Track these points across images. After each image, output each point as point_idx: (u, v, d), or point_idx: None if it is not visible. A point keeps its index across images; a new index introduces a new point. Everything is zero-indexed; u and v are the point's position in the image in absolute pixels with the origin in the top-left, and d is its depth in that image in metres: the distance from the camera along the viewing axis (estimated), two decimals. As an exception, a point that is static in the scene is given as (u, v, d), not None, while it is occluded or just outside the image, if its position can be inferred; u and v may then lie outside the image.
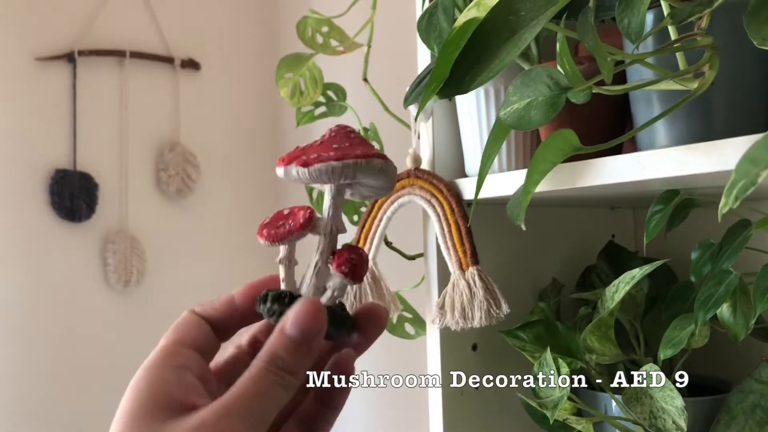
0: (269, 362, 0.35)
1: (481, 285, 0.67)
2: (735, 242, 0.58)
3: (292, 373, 0.35)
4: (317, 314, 0.36)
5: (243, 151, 1.86)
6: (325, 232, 0.40)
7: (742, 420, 0.60)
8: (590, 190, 0.59)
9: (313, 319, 0.36)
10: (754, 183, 0.35)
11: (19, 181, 1.59)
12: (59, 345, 1.61)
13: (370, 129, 0.95)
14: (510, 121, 0.49)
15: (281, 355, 0.35)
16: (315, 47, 0.92)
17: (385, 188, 0.41)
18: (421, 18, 0.59)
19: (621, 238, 0.89)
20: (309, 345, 0.36)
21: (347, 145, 0.39)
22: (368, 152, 0.38)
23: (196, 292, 1.75)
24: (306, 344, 0.36)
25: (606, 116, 0.64)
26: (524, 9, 0.43)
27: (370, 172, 0.38)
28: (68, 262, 1.64)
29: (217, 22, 1.85)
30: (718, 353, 0.76)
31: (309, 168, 0.38)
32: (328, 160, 0.38)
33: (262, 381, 0.34)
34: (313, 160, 0.38)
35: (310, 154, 0.39)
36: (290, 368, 0.35)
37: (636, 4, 0.44)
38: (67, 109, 1.65)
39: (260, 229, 0.40)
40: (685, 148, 0.49)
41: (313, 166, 0.38)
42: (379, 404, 1.48)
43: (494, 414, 0.77)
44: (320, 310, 0.36)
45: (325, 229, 0.40)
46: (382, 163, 0.39)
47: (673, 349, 0.60)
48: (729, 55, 0.48)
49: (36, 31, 1.62)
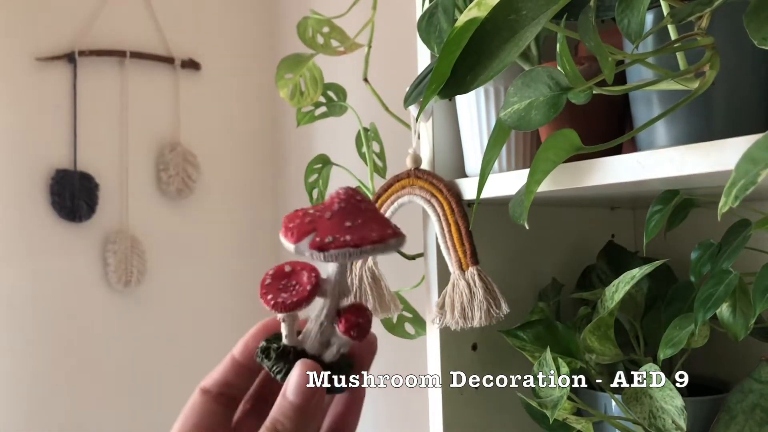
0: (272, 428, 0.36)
1: (481, 285, 0.67)
2: (735, 242, 0.58)
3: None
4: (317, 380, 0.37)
5: (243, 151, 1.86)
6: (333, 296, 0.39)
7: (741, 420, 0.60)
8: (590, 190, 0.60)
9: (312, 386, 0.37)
10: (754, 182, 0.35)
11: (19, 181, 1.59)
12: (59, 345, 1.61)
13: (370, 129, 0.95)
14: (510, 122, 0.49)
15: (283, 421, 0.36)
16: (315, 47, 0.92)
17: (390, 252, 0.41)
18: (421, 18, 0.59)
19: (621, 238, 0.89)
20: (309, 409, 0.37)
21: (360, 222, 0.38)
22: (384, 234, 0.38)
23: (196, 292, 1.75)
24: (306, 408, 0.37)
25: (606, 116, 0.64)
26: (525, 8, 0.43)
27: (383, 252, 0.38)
28: (68, 262, 1.64)
29: (217, 22, 1.85)
30: (718, 353, 0.76)
31: (325, 253, 0.37)
32: (345, 246, 0.37)
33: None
34: (328, 245, 0.37)
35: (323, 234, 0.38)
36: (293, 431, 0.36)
37: (636, 4, 0.44)
38: (68, 109, 1.65)
39: (264, 292, 0.39)
40: (684, 148, 0.49)
41: (329, 251, 0.37)
42: (379, 404, 1.48)
43: (494, 414, 0.77)
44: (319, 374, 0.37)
45: (332, 293, 0.39)
46: (396, 242, 0.38)
47: (672, 349, 0.60)
48: (729, 54, 0.48)
49: (36, 31, 1.62)
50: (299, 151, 1.79)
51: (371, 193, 0.90)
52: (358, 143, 0.96)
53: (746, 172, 0.35)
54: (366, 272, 0.74)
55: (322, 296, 0.39)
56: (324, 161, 0.99)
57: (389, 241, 0.38)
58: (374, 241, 0.38)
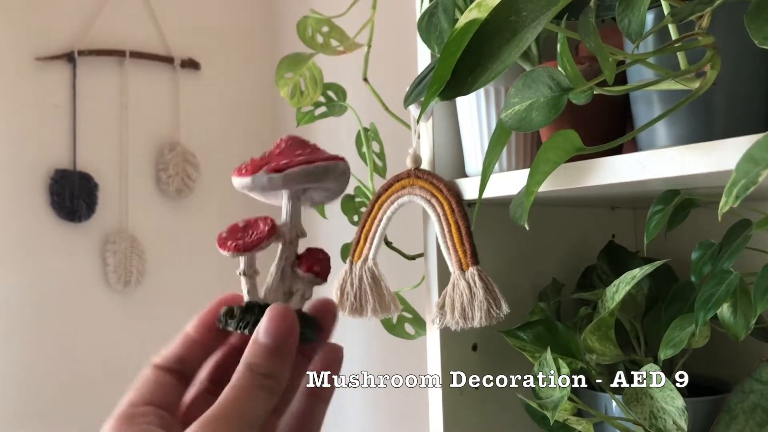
0: (248, 370, 0.36)
1: (481, 285, 0.67)
2: (735, 242, 0.58)
3: (272, 377, 0.36)
4: (289, 320, 0.37)
5: (243, 151, 1.86)
6: (290, 238, 0.41)
7: (742, 420, 0.60)
8: (590, 190, 0.59)
9: (286, 324, 0.37)
10: (755, 182, 0.35)
11: (19, 181, 1.59)
12: (59, 345, 1.61)
13: (370, 129, 0.95)
14: (511, 123, 0.49)
15: (258, 362, 0.36)
16: (315, 47, 0.92)
17: (339, 191, 0.43)
18: (421, 18, 0.59)
19: (621, 238, 0.89)
20: (284, 350, 0.37)
21: (308, 151, 0.40)
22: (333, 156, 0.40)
23: (195, 292, 1.75)
24: (281, 350, 0.37)
25: (606, 116, 0.64)
26: (525, 9, 0.43)
27: (335, 174, 0.40)
28: (68, 262, 1.64)
29: (217, 22, 1.85)
30: (719, 353, 0.76)
31: (283, 173, 0.39)
32: (299, 164, 0.39)
33: (244, 388, 0.35)
34: (284, 165, 0.39)
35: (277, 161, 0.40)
36: (270, 373, 0.36)
37: (636, 3, 0.44)
38: (67, 109, 1.65)
39: (221, 241, 0.41)
40: (685, 148, 0.49)
41: (285, 171, 0.39)
42: (379, 404, 1.48)
43: (494, 414, 0.77)
44: (291, 315, 0.37)
45: (289, 235, 0.41)
46: (345, 165, 0.40)
47: (673, 349, 0.60)
48: (730, 54, 0.48)
49: (36, 31, 1.62)
50: (299, 151, 1.79)
51: (371, 193, 0.90)
52: (358, 143, 0.96)
53: (747, 172, 0.35)
54: (366, 272, 0.74)
55: (280, 240, 0.41)
56: (324, 161, 0.99)
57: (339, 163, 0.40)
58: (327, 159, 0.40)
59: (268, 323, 0.37)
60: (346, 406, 1.51)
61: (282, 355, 0.36)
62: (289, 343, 0.37)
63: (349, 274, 0.74)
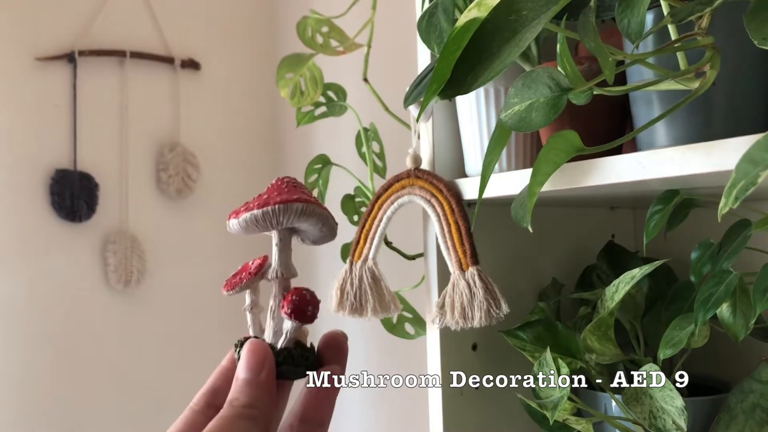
0: (229, 402, 0.38)
1: (481, 285, 0.67)
2: (735, 242, 0.58)
3: (252, 406, 0.38)
4: (261, 354, 0.39)
5: (243, 152, 1.86)
6: (275, 276, 0.42)
7: (742, 420, 0.60)
8: (590, 190, 0.60)
9: (257, 359, 0.39)
10: (754, 183, 0.35)
11: (19, 181, 1.59)
12: (59, 345, 1.61)
13: (370, 129, 0.95)
14: (511, 123, 0.49)
15: (236, 396, 0.38)
16: (315, 47, 0.92)
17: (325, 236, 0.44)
18: (421, 18, 0.59)
19: (621, 238, 0.89)
20: (259, 381, 0.38)
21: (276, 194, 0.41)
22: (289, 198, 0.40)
23: (196, 292, 1.75)
24: (255, 381, 0.38)
25: (606, 117, 0.64)
26: (525, 9, 0.43)
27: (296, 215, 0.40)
28: (68, 262, 1.64)
29: (217, 22, 1.85)
30: (718, 353, 0.76)
31: (238, 219, 0.41)
32: (250, 210, 0.40)
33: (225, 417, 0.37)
34: (242, 211, 0.41)
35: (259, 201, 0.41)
36: (249, 403, 0.38)
37: (636, 4, 0.44)
38: (67, 109, 1.65)
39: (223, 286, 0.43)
40: (685, 148, 0.49)
41: (240, 217, 0.40)
42: (379, 404, 1.48)
43: (494, 414, 0.77)
44: (263, 349, 0.39)
45: (273, 274, 0.42)
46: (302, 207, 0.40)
47: (673, 349, 0.60)
48: (729, 54, 0.48)
49: (36, 31, 1.62)
50: (299, 151, 1.79)
51: (371, 193, 0.90)
52: (358, 143, 0.96)
53: (746, 173, 0.35)
54: (366, 272, 0.74)
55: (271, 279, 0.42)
56: (324, 161, 0.99)
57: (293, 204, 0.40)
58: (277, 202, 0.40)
59: (243, 358, 0.39)
60: (346, 406, 1.51)
61: (257, 385, 0.38)
62: (263, 374, 0.39)
63: (349, 274, 0.74)
